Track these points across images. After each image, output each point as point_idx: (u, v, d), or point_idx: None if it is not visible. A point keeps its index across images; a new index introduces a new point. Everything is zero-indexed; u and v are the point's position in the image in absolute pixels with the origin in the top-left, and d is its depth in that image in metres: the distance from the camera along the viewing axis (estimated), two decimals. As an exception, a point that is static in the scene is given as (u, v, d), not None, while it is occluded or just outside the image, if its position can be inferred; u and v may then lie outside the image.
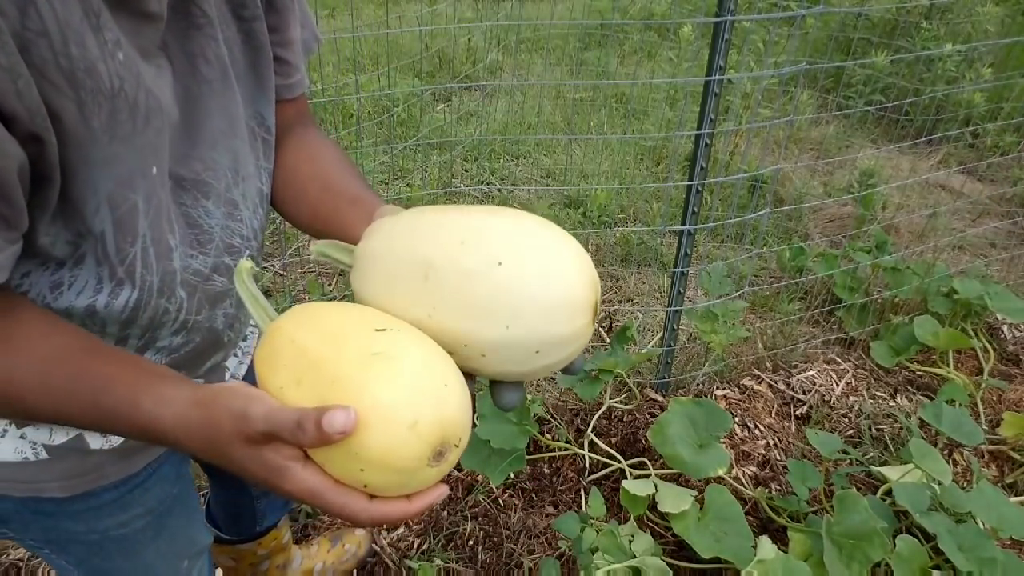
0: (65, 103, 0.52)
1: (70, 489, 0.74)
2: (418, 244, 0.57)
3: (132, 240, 0.62)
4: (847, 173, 3.35)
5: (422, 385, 0.51)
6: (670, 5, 5.06)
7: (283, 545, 1.46)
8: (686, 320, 2.22)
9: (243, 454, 0.52)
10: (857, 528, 1.41)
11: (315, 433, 0.47)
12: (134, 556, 0.83)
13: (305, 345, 0.53)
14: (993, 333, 2.48)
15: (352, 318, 0.56)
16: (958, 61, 3.82)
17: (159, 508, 0.83)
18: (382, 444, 0.49)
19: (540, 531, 1.71)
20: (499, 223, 0.56)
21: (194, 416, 0.54)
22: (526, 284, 0.53)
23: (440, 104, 4.07)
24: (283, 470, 0.51)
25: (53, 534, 0.78)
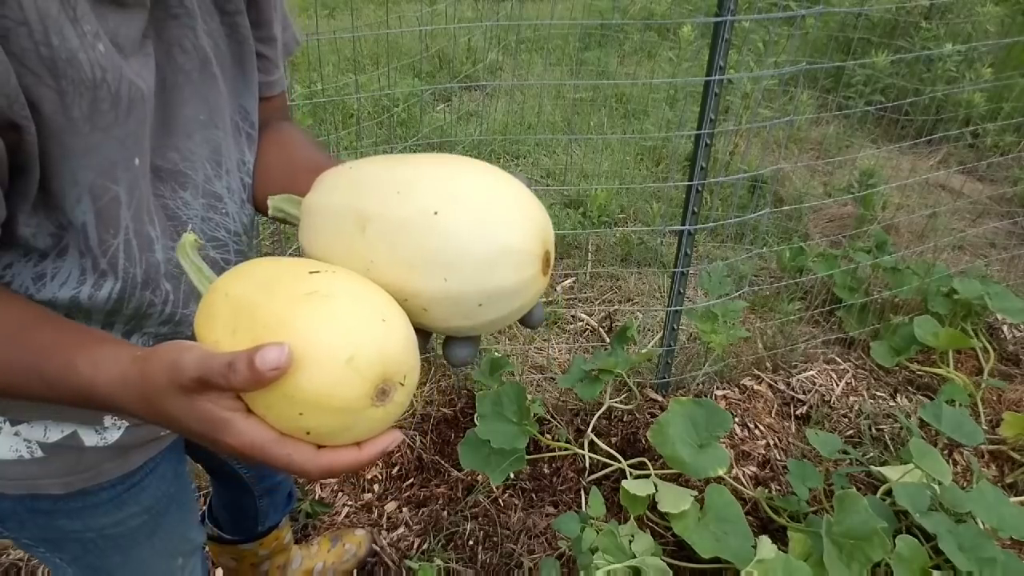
0: (45, 92, 0.52)
1: (67, 487, 0.74)
2: (357, 196, 0.55)
3: (114, 232, 0.61)
4: (847, 173, 3.35)
5: (357, 320, 0.48)
6: (670, 5, 5.06)
7: (284, 545, 1.46)
8: (686, 320, 2.22)
9: (179, 406, 0.49)
10: (857, 528, 1.41)
11: (247, 373, 0.45)
12: (129, 554, 0.83)
13: (238, 296, 0.51)
14: (993, 333, 2.48)
15: (285, 266, 0.54)
16: (958, 61, 3.82)
17: (155, 507, 0.83)
18: (318, 382, 0.46)
19: (540, 531, 1.71)
20: (437, 171, 0.54)
21: (131, 374, 0.52)
22: (462, 234, 0.51)
23: (440, 104, 4.07)
24: (223, 422, 0.48)
25: (49, 532, 0.78)
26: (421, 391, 2.08)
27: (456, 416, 2.01)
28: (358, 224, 0.54)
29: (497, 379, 1.86)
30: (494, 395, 1.69)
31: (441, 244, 0.51)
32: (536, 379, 2.17)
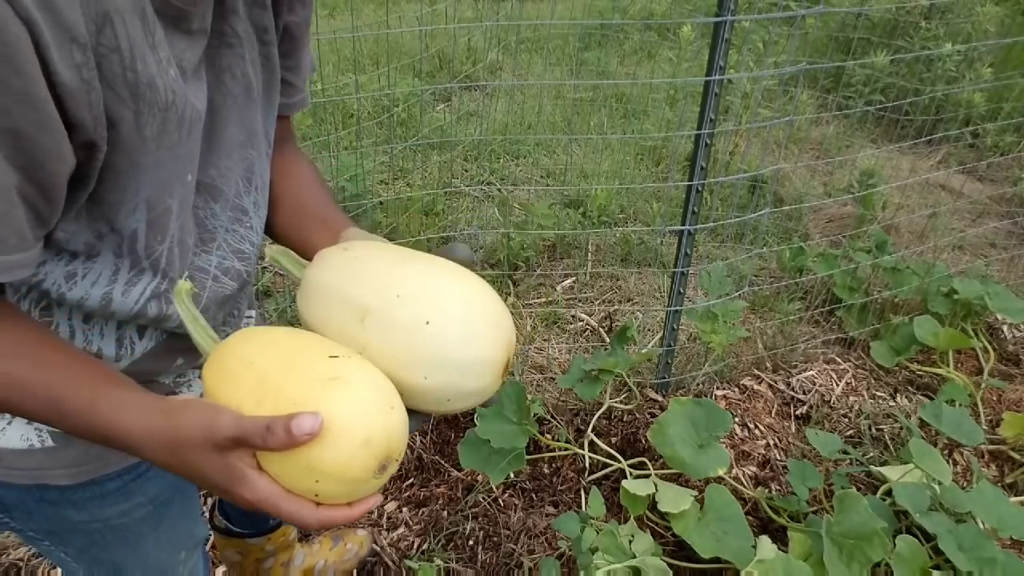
0: (124, 113, 0.56)
1: (75, 477, 0.75)
2: (360, 288, 0.63)
3: (162, 239, 0.67)
4: (847, 173, 3.35)
5: (373, 406, 0.57)
6: (670, 5, 5.06)
7: (289, 542, 1.47)
8: (686, 320, 2.22)
9: (209, 460, 0.56)
10: (857, 528, 1.41)
11: (283, 436, 0.52)
12: (134, 546, 0.84)
13: (263, 368, 0.58)
14: (993, 333, 2.48)
15: (304, 342, 0.61)
16: (958, 61, 3.82)
17: (160, 498, 0.84)
18: (339, 458, 0.54)
19: (540, 531, 1.71)
20: (434, 282, 0.63)
21: (158, 425, 0.57)
22: (448, 345, 0.60)
23: (440, 104, 4.07)
24: (243, 477, 0.55)
25: (55, 523, 0.79)
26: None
27: (456, 416, 2.01)
28: (358, 314, 0.62)
29: (497, 379, 1.86)
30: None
31: (428, 350, 0.60)
32: (536, 379, 2.17)
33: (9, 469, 0.72)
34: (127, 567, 0.88)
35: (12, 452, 0.71)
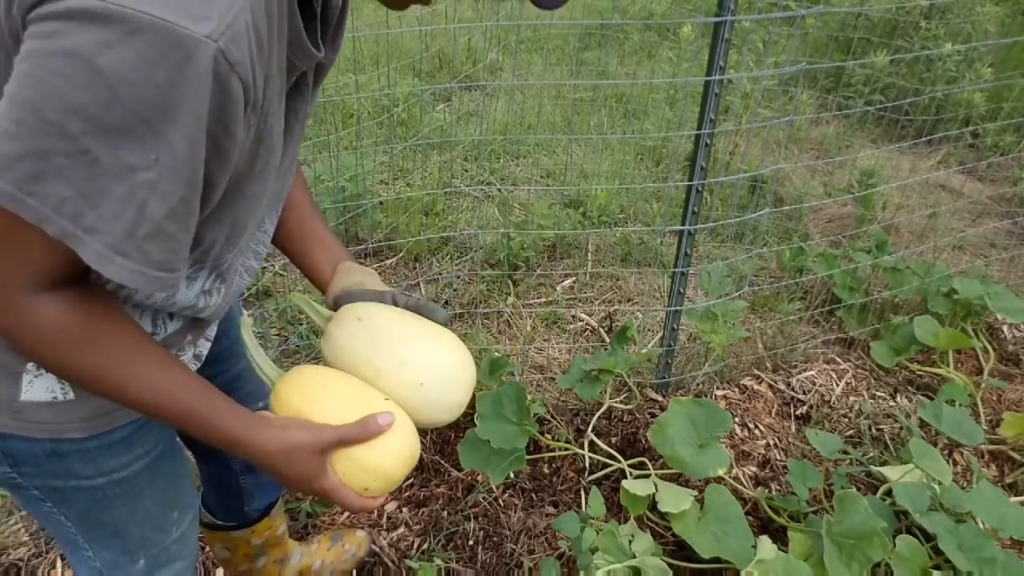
0: (248, 154, 0.66)
1: (88, 429, 0.80)
2: (373, 355, 0.87)
3: (233, 248, 0.79)
4: (847, 173, 3.35)
5: (412, 435, 0.86)
6: (670, 5, 5.06)
7: (278, 538, 1.46)
8: (686, 320, 2.22)
9: (310, 460, 0.79)
10: (857, 528, 1.41)
11: (374, 427, 0.81)
12: (134, 501, 0.90)
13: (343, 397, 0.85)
14: (993, 333, 2.48)
15: (360, 385, 0.87)
16: (958, 61, 3.82)
17: (156, 450, 0.91)
18: (393, 468, 0.84)
19: (540, 531, 1.71)
20: (423, 350, 0.89)
21: (271, 435, 0.78)
22: (435, 400, 0.88)
23: (440, 104, 4.07)
24: (325, 472, 0.80)
25: (62, 478, 0.83)
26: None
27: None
28: (374, 372, 0.87)
29: (497, 379, 1.86)
30: (494, 395, 1.69)
31: (421, 401, 0.87)
32: (536, 379, 2.17)
33: (28, 423, 0.76)
34: (125, 527, 0.92)
35: (35, 405, 0.75)
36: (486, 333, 2.35)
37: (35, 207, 0.55)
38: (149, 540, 0.97)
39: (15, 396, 0.74)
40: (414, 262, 2.71)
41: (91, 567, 0.98)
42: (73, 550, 0.96)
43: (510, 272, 2.65)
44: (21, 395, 0.74)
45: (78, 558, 0.98)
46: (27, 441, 0.78)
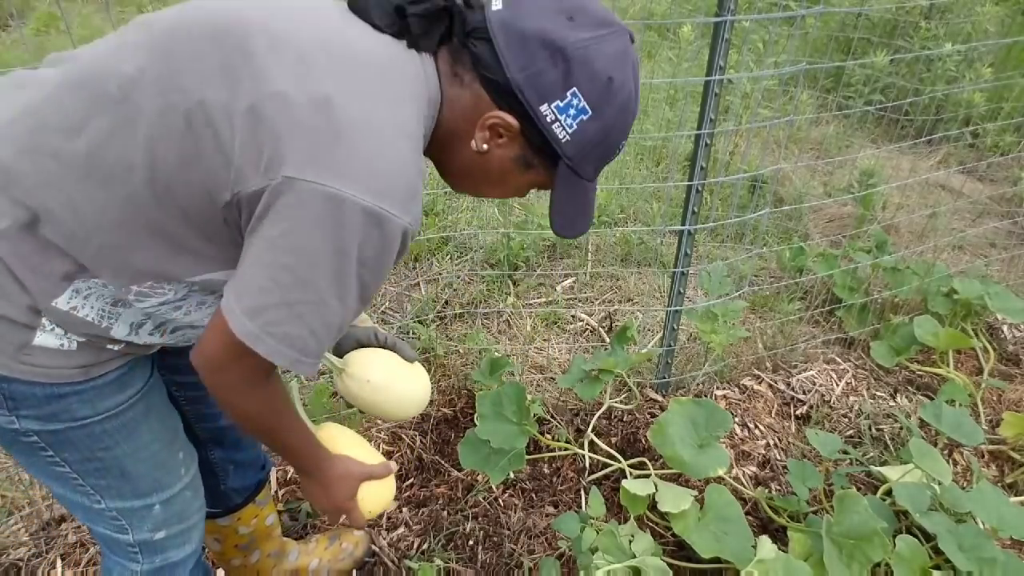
0: None
1: (85, 374, 0.88)
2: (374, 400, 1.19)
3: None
4: (847, 173, 3.35)
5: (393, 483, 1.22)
6: (670, 5, 5.06)
7: (268, 528, 1.46)
8: (686, 320, 2.22)
9: (353, 484, 1.10)
10: (857, 528, 1.41)
11: (390, 468, 1.17)
12: (133, 437, 0.96)
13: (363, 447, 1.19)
14: (993, 333, 2.48)
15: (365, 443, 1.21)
16: (958, 61, 3.82)
17: (145, 387, 0.98)
18: (388, 499, 1.20)
19: (540, 531, 1.71)
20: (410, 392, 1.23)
21: (335, 461, 1.09)
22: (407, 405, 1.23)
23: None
24: (356, 494, 1.12)
25: (60, 421, 0.89)
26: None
27: (456, 416, 2.01)
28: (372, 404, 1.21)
29: (497, 379, 1.86)
30: (494, 395, 1.69)
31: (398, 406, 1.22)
32: (536, 379, 2.17)
33: (34, 367, 0.83)
34: (131, 466, 0.97)
35: (43, 350, 0.83)
36: (486, 333, 2.35)
37: (273, 345, 0.78)
38: (159, 482, 1.02)
39: (28, 340, 0.82)
40: (414, 262, 2.71)
41: (107, 521, 1.01)
42: (85, 510, 1.00)
43: (510, 272, 2.65)
44: (34, 340, 0.82)
45: (92, 515, 1.01)
46: (29, 385, 0.84)
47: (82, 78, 0.79)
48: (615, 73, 0.82)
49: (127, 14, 5.42)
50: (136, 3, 5.54)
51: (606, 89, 0.82)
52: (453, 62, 0.85)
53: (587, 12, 0.82)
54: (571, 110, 0.82)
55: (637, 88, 0.87)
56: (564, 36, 0.80)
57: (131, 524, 1.02)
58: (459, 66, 0.85)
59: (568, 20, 0.81)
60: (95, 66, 0.79)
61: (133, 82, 0.76)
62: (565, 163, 0.87)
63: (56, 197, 0.77)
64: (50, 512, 1.69)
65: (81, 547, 1.63)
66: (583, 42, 0.80)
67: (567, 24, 0.81)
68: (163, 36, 0.79)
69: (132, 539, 1.03)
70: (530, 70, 0.80)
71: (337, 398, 2.01)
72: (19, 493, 1.72)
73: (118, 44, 0.81)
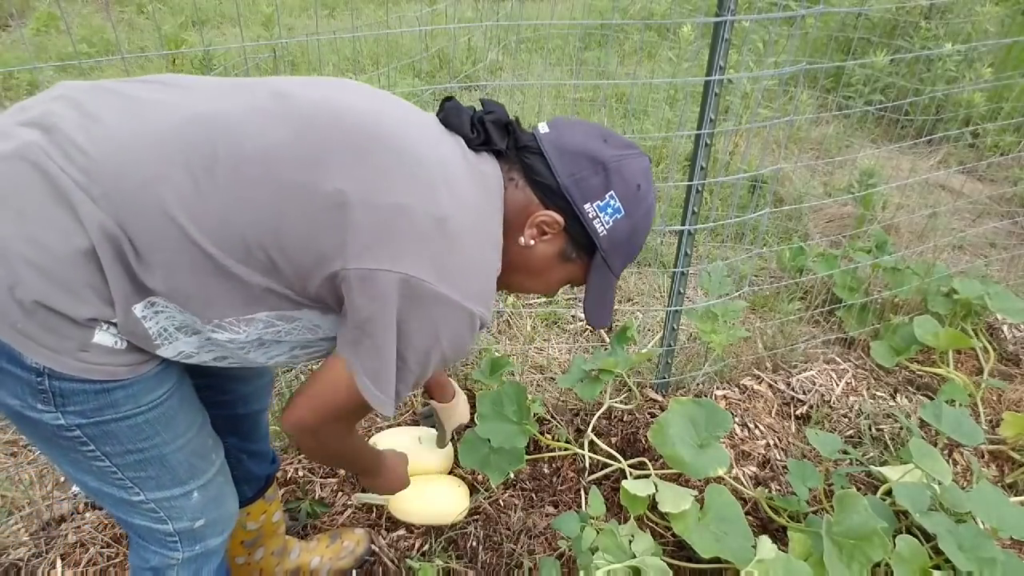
0: None
1: (133, 371, 0.92)
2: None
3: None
4: (847, 173, 3.35)
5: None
6: (670, 5, 5.06)
7: (274, 525, 1.47)
8: (686, 320, 2.22)
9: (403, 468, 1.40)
10: (857, 528, 1.41)
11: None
12: (170, 426, 1.00)
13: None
14: (993, 333, 2.48)
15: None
16: (958, 61, 3.82)
17: (177, 382, 1.02)
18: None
19: (540, 531, 1.71)
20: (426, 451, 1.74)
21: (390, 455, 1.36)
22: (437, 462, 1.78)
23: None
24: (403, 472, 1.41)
25: (107, 413, 0.92)
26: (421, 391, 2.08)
27: (456, 416, 2.01)
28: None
29: (497, 379, 1.86)
30: (494, 395, 1.69)
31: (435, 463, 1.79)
32: (536, 379, 2.17)
33: (90, 364, 0.87)
34: (170, 454, 1.01)
35: (100, 348, 0.87)
36: (486, 333, 2.35)
37: (386, 400, 0.94)
38: (196, 468, 1.06)
39: (89, 339, 0.86)
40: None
41: (145, 513, 1.04)
42: (121, 503, 1.02)
43: (510, 272, 2.65)
44: (94, 338, 0.87)
45: (129, 508, 1.03)
46: (82, 382, 0.88)
47: (210, 132, 0.86)
48: (642, 182, 1.01)
49: (127, 14, 5.43)
50: (136, 3, 5.55)
51: (636, 194, 1.00)
52: (508, 168, 1.03)
53: (616, 137, 1.03)
54: (609, 209, 0.99)
55: (655, 198, 1.05)
56: (603, 151, 1.00)
57: (170, 515, 1.06)
58: (514, 172, 1.02)
59: (603, 141, 1.01)
60: (227, 122, 0.87)
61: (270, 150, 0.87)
62: (600, 255, 1.02)
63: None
64: (50, 512, 1.69)
65: (81, 547, 1.63)
66: (617, 156, 0.99)
67: (603, 144, 1.01)
68: (307, 116, 0.90)
69: (172, 528, 1.07)
70: (577, 175, 0.98)
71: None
72: (19, 493, 1.72)
73: (250, 107, 0.90)
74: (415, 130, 0.96)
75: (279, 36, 3.87)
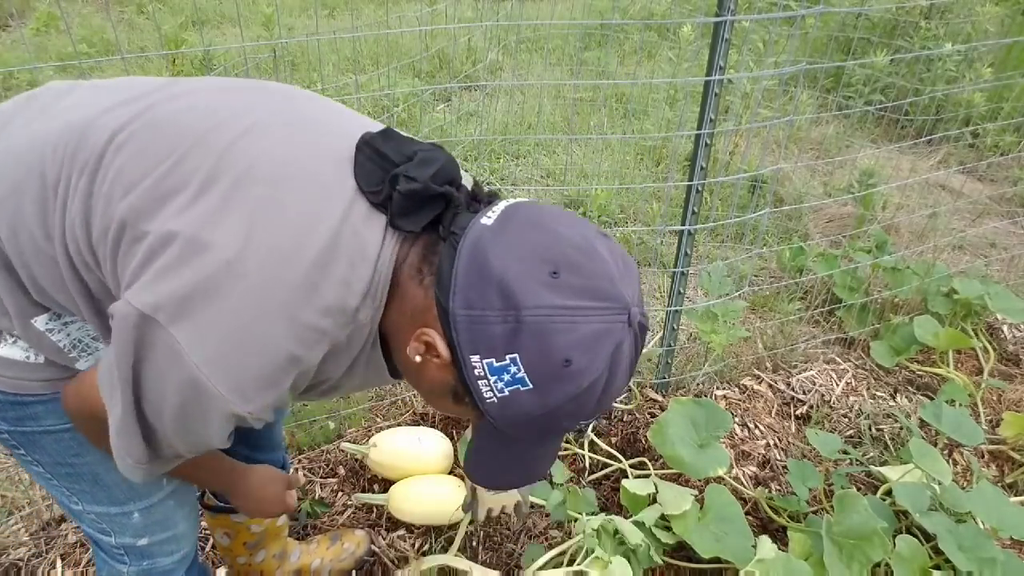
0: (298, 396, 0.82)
1: (50, 387, 0.87)
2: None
3: None
4: (847, 173, 3.35)
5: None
6: (670, 5, 5.06)
7: (278, 529, 1.47)
8: (686, 320, 2.22)
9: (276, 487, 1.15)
10: (857, 528, 1.41)
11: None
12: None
13: None
14: (993, 333, 2.48)
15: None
16: (958, 61, 3.82)
17: None
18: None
19: (540, 531, 1.71)
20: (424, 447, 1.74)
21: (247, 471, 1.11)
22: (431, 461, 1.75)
23: (440, 104, 4.07)
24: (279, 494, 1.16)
25: (27, 424, 0.88)
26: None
27: (456, 416, 2.01)
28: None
29: (497, 379, 1.86)
30: (494, 395, 1.68)
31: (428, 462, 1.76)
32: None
33: (3, 378, 0.84)
34: (103, 474, 0.94)
35: (9, 361, 0.84)
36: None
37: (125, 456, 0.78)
38: (136, 491, 0.98)
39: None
40: (414, 262, 2.71)
41: (90, 522, 1.01)
42: (69, 508, 1.00)
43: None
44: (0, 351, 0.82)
45: (76, 514, 1.01)
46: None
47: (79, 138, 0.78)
48: (578, 357, 0.66)
49: (127, 14, 5.43)
50: (136, 3, 5.55)
51: (558, 371, 0.66)
52: (426, 254, 0.74)
53: (581, 274, 0.67)
54: (505, 375, 0.68)
55: (614, 377, 0.69)
56: (529, 293, 0.65)
57: (112, 528, 1.01)
58: (426, 263, 0.73)
59: (550, 275, 0.66)
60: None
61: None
62: (489, 421, 0.73)
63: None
64: (50, 512, 1.69)
65: (81, 547, 1.63)
66: (549, 311, 0.65)
67: (545, 280, 0.66)
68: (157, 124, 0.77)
69: (115, 541, 1.02)
70: (474, 312, 0.67)
71: (337, 399, 2.01)
72: (19, 493, 1.72)
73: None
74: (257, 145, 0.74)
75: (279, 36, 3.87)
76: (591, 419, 0.74)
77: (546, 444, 0.80)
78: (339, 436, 1.93)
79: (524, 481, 0.83)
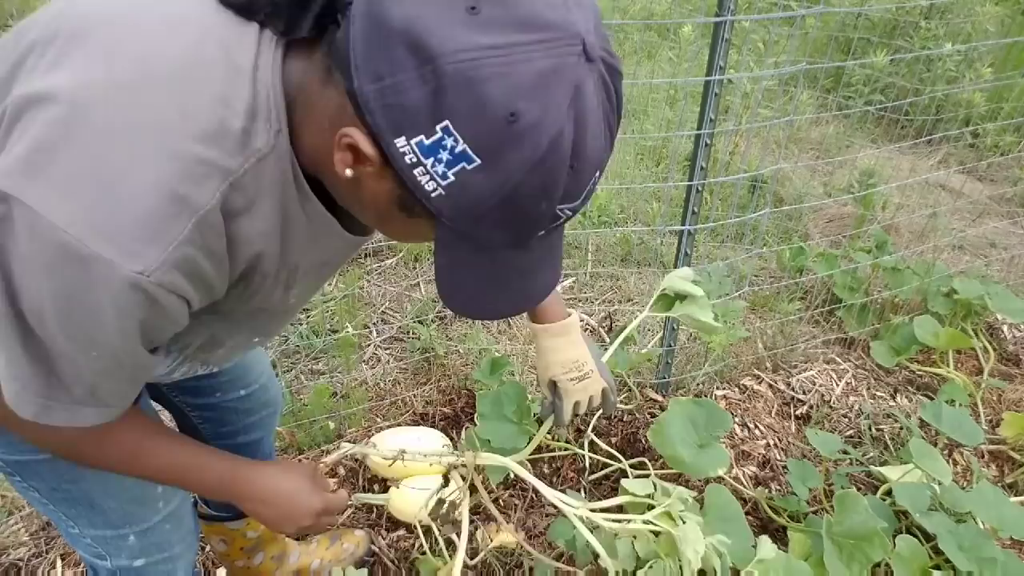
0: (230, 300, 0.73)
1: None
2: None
3: (205, 354, 0.89)
4: (847, 173, 3.35)
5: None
6: (670, 5, 5.06)
7: (274, 534, 1.46)
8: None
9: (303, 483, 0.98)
10: (857, 528, 1.41)
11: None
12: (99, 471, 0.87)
13: None
14: (993, 333, 2.48)
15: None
16: (958, 61, 3.82)
17: None
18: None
19: (540, 531, 1.71)
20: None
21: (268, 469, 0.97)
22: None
23: (440, 104, 4.06)
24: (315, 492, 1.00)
25: (19, 454, 0.86)
26: (421, 390, 2.08)
27: (456, 415, 2.01)
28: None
29: (497, 379, 1.86)
30: (494, 395, 1.68)
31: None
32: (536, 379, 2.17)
33: None
34: (99, 499, 0.93)
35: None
36: (486, 333, 2.35)
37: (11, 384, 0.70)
38: (132, 515, 0.97)
39: None
40: (414, 262, 2.70)
41: (86, 547, 0.99)
42: (66, 531, 0.99)
43: (510, 272, 2.65)
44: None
45: (73, 538, 0.99)
46: None
47: None
48: (524, 107, 0.52)
49: (127, 14, 5.43)
50: (136, 3, 5.55)
51: (503, 131, 0.53)
52: (320, 54, 0.62)
53: (508, 2, 0.53)
54: (442, 153, 0.55)
55: (584, 131, 0.56)
56: (444, 39, 0.52)
57: (108, 551, 0.99)
58: (327, 59, 0.61)
59: (468, 11, 0.52)
60: None
61: None
62: (444, 223, 0.61)
63: None
64: (50, 512, 1.69)
65: (81, 547, 1.63)
66: (475, 52, 0.51)
67: (462, 18, 0.52)
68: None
69: (111, 565, 1.00)
70: (386, 82, 0.54)
71: (337, 398, 2.01)
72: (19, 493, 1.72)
73: None
74: None
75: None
76: (574, 200, 0.60)
77: (528, 246, 0.64)
78: (339, 436, 1.93)
79: (519, 304, 0.69)
